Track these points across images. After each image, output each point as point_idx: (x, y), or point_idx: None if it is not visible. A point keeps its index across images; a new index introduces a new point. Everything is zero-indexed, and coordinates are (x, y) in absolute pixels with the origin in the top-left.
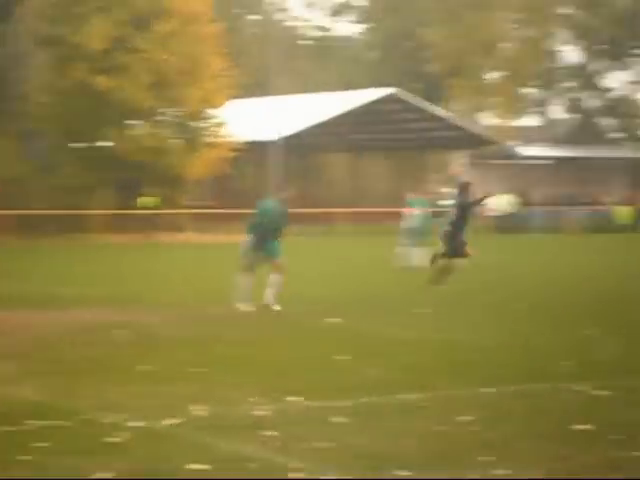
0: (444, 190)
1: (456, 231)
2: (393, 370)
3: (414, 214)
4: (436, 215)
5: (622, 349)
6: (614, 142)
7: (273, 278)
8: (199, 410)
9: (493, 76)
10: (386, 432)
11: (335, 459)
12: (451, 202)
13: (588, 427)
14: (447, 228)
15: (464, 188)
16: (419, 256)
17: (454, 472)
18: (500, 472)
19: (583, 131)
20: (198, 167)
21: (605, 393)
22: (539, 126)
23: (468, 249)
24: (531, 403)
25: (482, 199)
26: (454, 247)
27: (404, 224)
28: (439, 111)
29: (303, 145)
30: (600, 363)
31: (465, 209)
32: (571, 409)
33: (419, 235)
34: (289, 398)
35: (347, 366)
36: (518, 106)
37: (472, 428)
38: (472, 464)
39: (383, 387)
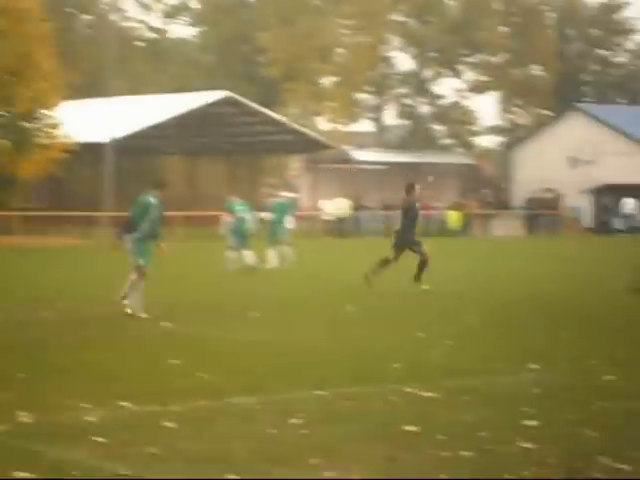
0: (278, 193)
1: (403, 230)
2: (225, 374)
3: (235, 217)
4: (257, 218)
5: (450, 351)
6: (445, 148)
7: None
8: (25, 417)
9: (328, 81)
10: (217, 436)
11: (165, 464)
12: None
13: (416, 428)
14: (397, 228)
15: (409, 189)
16: (248, 258)
17: (283, 474)
18: (329, 474)
19: (415, 137)
20: (29, 168)
21: (433, 394)
22: (373, 131)
23: (419, 248)
24: (362, 405)
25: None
26: (404, 240)
27: (223, 227)
28: (275, 115)
29: (137, 147)
30: (429, 366)
31: (408, 210)
32: (400, 410)
33: (240, 238)
34: (120, 403)
35: (179, 370)
36: (353, 111)
37: (303, 431)
38: (301, 466)
39: (215, 391)
